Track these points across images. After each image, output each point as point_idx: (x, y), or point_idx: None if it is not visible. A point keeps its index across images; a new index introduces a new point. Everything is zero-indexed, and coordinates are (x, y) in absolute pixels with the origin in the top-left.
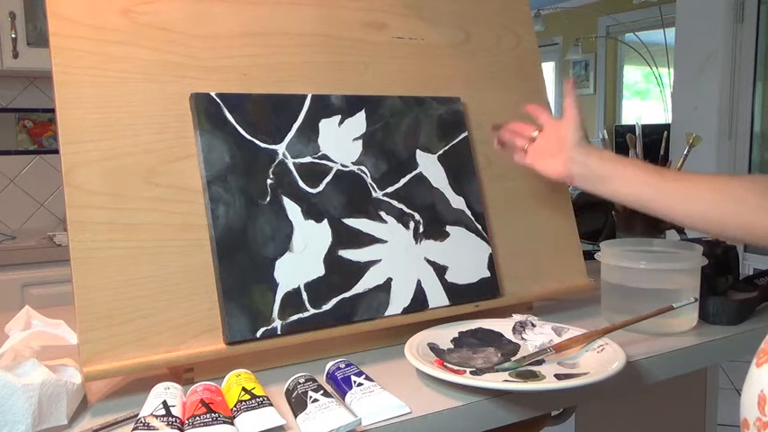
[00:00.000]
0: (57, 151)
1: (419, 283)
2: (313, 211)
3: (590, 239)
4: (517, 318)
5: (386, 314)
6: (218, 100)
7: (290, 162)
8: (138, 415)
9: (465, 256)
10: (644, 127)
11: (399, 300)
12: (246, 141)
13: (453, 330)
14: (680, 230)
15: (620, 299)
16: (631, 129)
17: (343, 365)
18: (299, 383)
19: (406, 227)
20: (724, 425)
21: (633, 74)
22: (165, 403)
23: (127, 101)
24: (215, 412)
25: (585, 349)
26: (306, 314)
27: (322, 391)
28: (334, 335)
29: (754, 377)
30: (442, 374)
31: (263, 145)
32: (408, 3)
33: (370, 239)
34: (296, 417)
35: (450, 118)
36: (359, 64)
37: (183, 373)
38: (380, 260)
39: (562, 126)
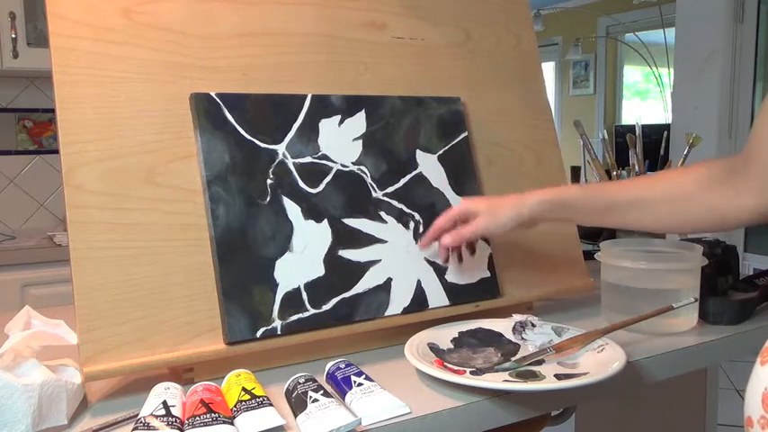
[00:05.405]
0: (57, 151)
1: (419, 283)
2: (313, 211)
3: (590, 239)
4: (517, 318)
5: (386, 314)
6: (218, 100)
7: (289, 162)
8: (138, 415)
9: (465, 255)
10: (644, 127)
11: (399, 300)
12: (246, 141)
13: (453, 330)
14: None
15: (620, 299)
16: (631, 129)
17: (343, 365)
18: (299, 383)
19: (406, 227)
20: (724, 425)
21: (633, 74)
22: (165, 403)
23: (127, 101)
24: (215, 412)
25: (585, 349)
26: (306, 314)
27: (322, 391)
28: (333, 335)
29: (758, 375)
30: (442, 374)
31: (262, 145)
32: (408, 3)
33: (370, 239)
34: (296, 417)
35: (451, 118)
36: (359, 64)
37: (183, 373)
38: (380, 260)
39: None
